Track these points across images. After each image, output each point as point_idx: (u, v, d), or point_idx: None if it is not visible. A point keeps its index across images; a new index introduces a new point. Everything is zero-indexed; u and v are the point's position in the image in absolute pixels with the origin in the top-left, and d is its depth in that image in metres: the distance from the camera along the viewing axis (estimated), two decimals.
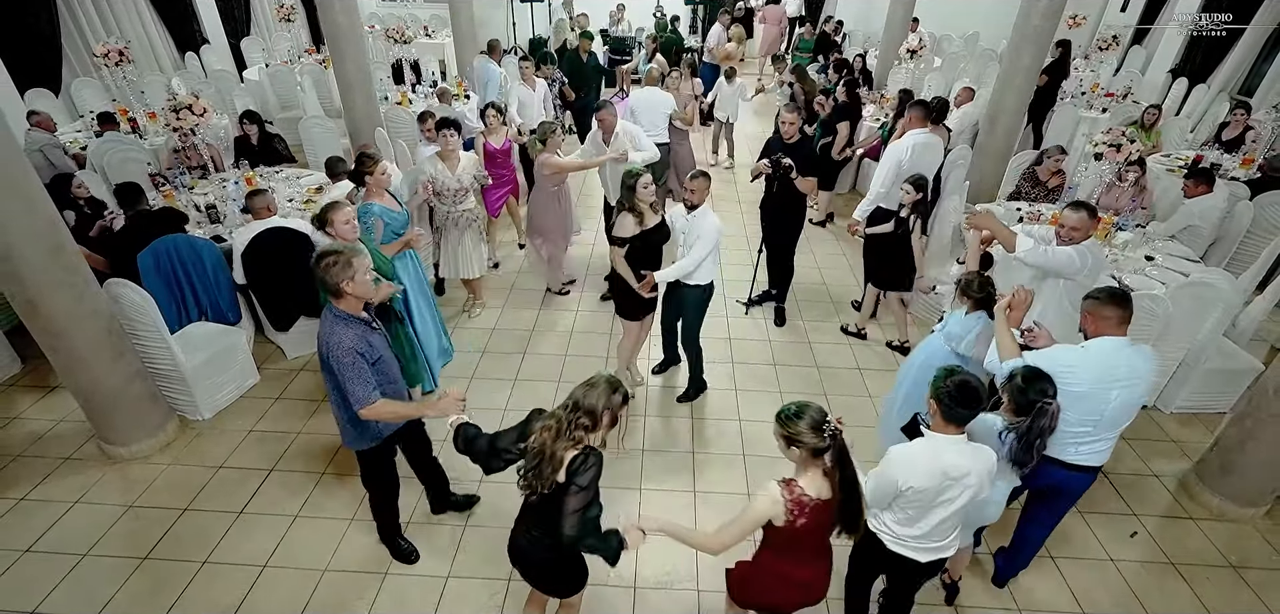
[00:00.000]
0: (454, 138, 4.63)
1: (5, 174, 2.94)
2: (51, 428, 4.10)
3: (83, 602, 3.06)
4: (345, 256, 2.46)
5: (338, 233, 3.13)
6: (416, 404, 2.73)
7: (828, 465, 2.09)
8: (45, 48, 7.19)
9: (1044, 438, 2.42)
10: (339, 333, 2.47)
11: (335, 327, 2.48)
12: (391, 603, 3.09)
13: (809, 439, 2.04)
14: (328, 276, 2.45)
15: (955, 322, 3.13)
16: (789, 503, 2.05)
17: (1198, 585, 3.23)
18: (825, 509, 2.08)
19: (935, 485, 2.20)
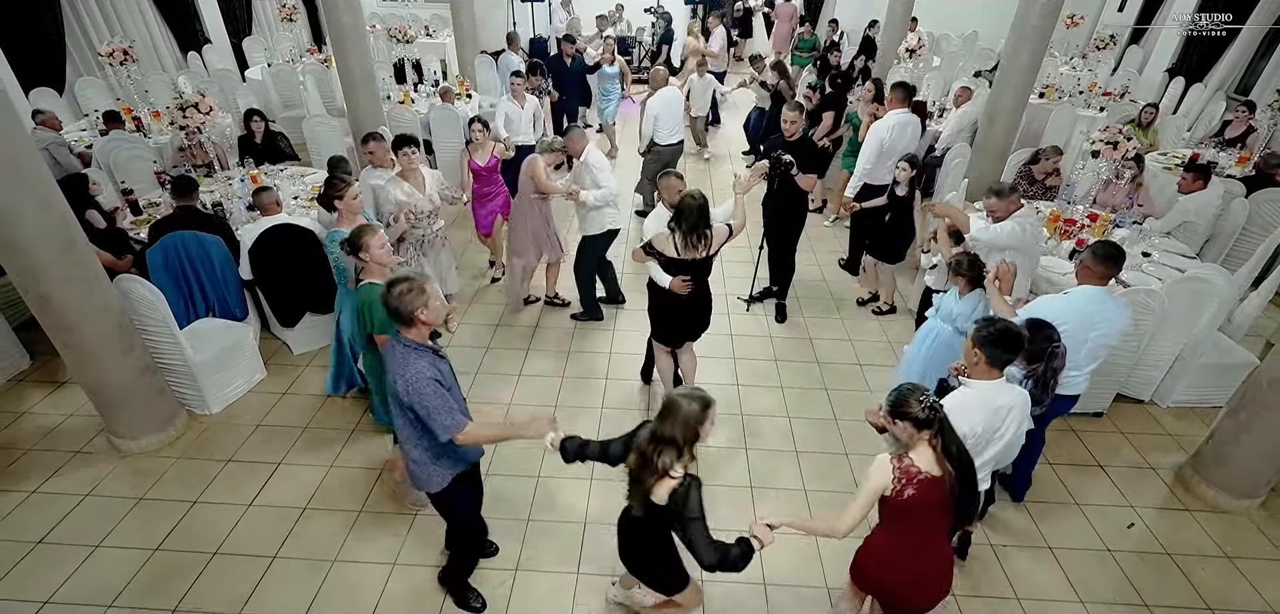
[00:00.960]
0: (414, 154, 4.33)
1: (19, 171, 2.99)
2: (61, 422, 4.14)
3: (95, 592, 3.10)
4: (418, 283, 2.29)
5: (373, 259, 2.95)
6: (511, 425, 2.54)
7: (934, 442, 2.15)
8: (50, 47, 7.22)
9: (1057, 377, 2.74)
10: (414, 364, 2.31)
11: (409, 358, 2.32)
12: (400, 591, 3.14)
13: (914, 411, 2.13)
14: (402, 305, 2.27)
15: (952, 301, 3.49)
16: (897, 471, 2.15)
17: (1193, 575, 3.28)
18: (935, 486, 2.12)
19: (988, 425, 2.47)
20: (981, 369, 2.48)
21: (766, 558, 3.29)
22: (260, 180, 5.18)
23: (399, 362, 2.32)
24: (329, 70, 8.99)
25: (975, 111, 7.01)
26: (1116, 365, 4.09)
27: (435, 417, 2.32)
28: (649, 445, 2.14)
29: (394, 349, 2.36)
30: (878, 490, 2.18)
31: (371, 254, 2.96)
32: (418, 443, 2.50)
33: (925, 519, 2.20)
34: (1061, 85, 8.94)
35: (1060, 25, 7.11)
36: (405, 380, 2.30)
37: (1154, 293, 3.83)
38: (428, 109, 7.56)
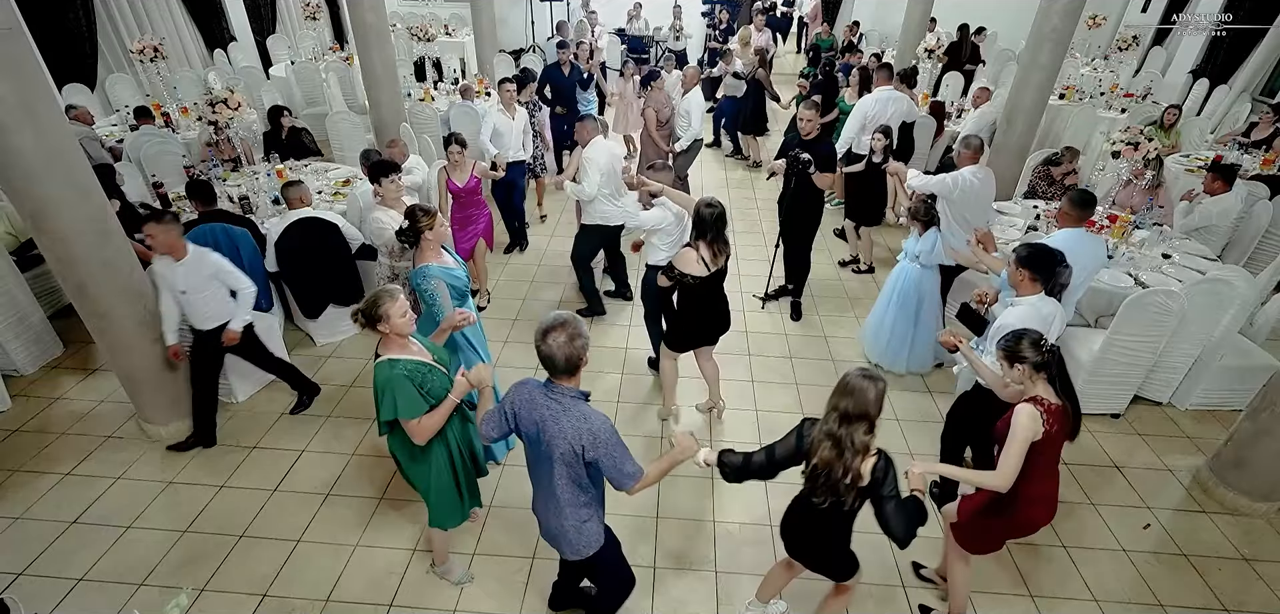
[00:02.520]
0: (397, 182, 4.06)
1: (62, 163, 3.11)
2: (93, 407, 4.27)
3: (126, 570, 3.21)
4: (572, 324, 2.10)
5: (393, 329, 2.47)
6: (668, 456, 2.30)
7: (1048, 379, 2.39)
8: (82, 45, 7.42)
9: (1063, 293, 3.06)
10: (594, 415, 2.14)
11: (584, 409, 2.14)
12: (421, 576, 3.21)
13: (1030, 355, 2.36)
14: (572, 351, 2.07)
15: (912, 242, 4.28)
16: (1043, 412, 2.33)
17: (1210, 577, 3.26)
18: (1062, 414, 2.37)
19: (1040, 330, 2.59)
20: (1027, 285, 2.98)
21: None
22: (287, 175, 5.29)
23: (577, 417, 2.11)
24: (351, 67, 9.13)
25: (994, 112, 6.98)
26: (1134, 367, 4.07)
27: (623, 464, 2.15)
28: (841, 428, 2.11)
29: (565, 405, 2.13)
30: (1031, 437, 2.33)
31: (392, 324, 2.45)
32: (578, 503, 2.29)
33: (1056, 448, 2.44)
34: (1082, 86, 8.85)
35: (1082, 26, 7.06)
36: (593, 433, 2.10)
37: (1173, 294, 3.81)
38: (448, 106, 7.67)
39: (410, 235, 3.14)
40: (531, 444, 2.28)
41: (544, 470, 2.26)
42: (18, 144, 2.97)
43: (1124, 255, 4.54)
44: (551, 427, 2.13)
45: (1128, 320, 3.85)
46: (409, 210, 3.12)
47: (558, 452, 2.14)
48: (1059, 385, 2.38)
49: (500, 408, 2.30)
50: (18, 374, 4.50)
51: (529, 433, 2.24)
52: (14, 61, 2.89)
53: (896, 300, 4.39)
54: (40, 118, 3.01)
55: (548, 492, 2.29)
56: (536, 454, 2.28)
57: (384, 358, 2.49)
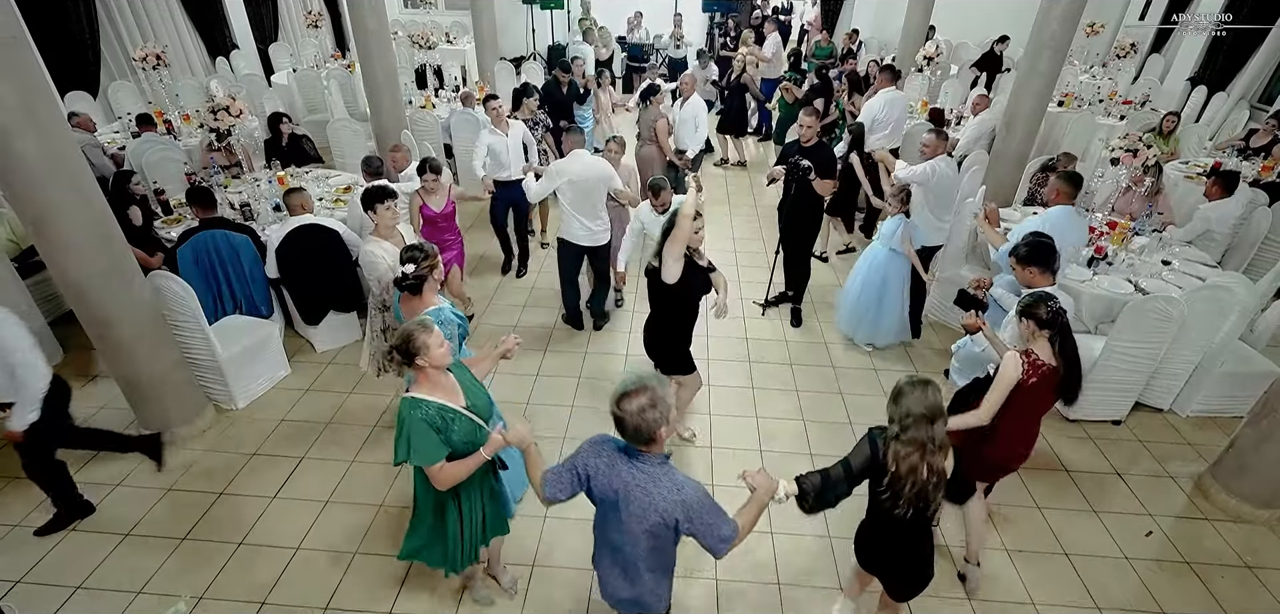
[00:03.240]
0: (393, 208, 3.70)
1: (64, 168, 3.12)
2: (93, 414, 4.26)
3: (126, 578, 3.20)
4: (654, 391, 1.91)
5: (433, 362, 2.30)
6: (755, 501, 2.12)
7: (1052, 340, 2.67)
8: (85, 52, 7.45)
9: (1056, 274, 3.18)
10: (685, 483, 1.97)
11: (677, 477, 1.98)
12: (420, 585, 3.20)
13: (1041, 313, 2.66)
14: (644, 423, 1.89)
15: (886, 226, 4.58)
16: (1026, 364, 2.67)
17: (1213, 585, 3.25)
18: (1052, 376, 2.68)
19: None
20: (1038, 279, 3.13)
21: (780, 556, 3.33)
22: (287, 182, 5.31)
23: (668, 488, 1.94)
24: (352, 75, 9.17)
25: (993, 119, 6.99)
26: (1135, 373, 4.06)
27: (719, 529, 1.97)
28: (921, 429, 2.11)
29: (652, 473, 1.97)
30: (1011, 383, 2.67)
31: (432, 357, 2.27)
32: (659, 568, 2.17)
33: (1040, 402, 2.77)
34: (1081, 93, 8.88)
35: (1080, 33, 7.09)
36: (686, 505, 1.93)
37: (1173, 300, 3.81)
38: (448, 113, 7.70)
39: (413, 283, 2.84)
40: (607, 509, 2.10)
41: (620, 538, 2.08)
42: (20, 149, 2.98)
43: (1124, 262, 4.54)
44: (639, 498, 1.96)
45: (1128, 327, 3.85)
46: (408, 252, 2.83)
47: (646, 524, 1.97)
48: (1060, 348, 2.66)
49: (571, 468, 2.09)
50: None
51: (606, 498, 2.05)
52: (17, 68, 2.91)
53: (863, 279, 4.77)
54: (42, 124, 3.02)
55: (626, 561, 2.12)
56: (612, 520, 2.09)
57: (409, 395, 2.31)
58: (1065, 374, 2.67)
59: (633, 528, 2.01)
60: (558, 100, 7.15)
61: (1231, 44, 9.04)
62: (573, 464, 2.10)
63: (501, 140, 5.43)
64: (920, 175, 4.75)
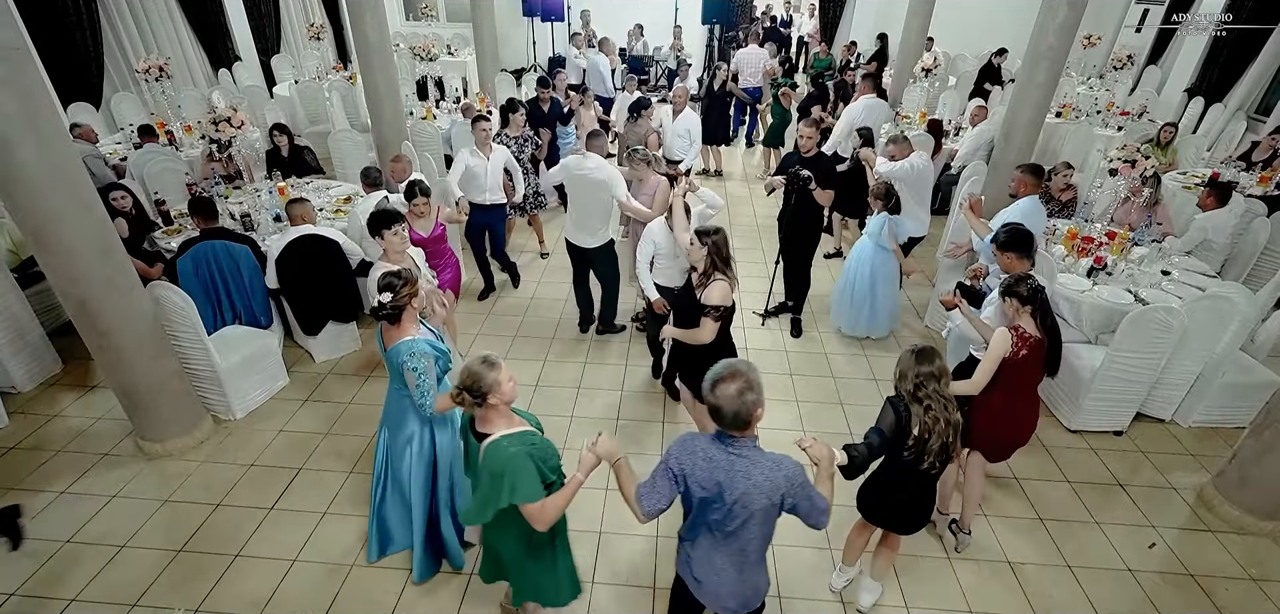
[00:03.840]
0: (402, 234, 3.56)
1: (65, 178, 3.12)
2: (91, 425, 4.25)
3: (121, 591, 3.17)
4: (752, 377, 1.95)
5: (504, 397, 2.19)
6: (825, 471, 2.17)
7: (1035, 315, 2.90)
8: (88, 64, 7.50)
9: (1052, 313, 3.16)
10: (782, 459, 2.02)
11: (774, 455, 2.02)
12: (416, 598, 3.17)
13: (1022, 291, 2.89)
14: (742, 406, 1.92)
15: (872, 223, 4.84)
16: (1015, 337, 2.90)
17: (1217, 597, 3.22)
18: (1039, 346, 2.91)
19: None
20: (1015, 264, 3.33)
21: (779, 569, 3.31)
22: (288, 193, 5.32)
23: (768, 467, 1.98)
24: (354, 86, 9.21)
25: (991, 130, 7.02)
26: (1136, 384, 4.05)
27: (817, 500, 2.04)
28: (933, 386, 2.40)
29: (749, 458, 1.98)
30: (1000, 355, 2.89)
31: (504, 393, 2.18)
32: (762, 554, 2.17)
33: (1031, 372, 2.98)
34: (1079, 104, 8.92)
35: (1077, 45, 7.13)
36: (789, 478, 1.98)
37: (1173, 310, 3.80)
38: (449, 124, 7.73)
39: (391, 310, 2.70)
40: (706, 506, 2.06)
41: (726, 530, 2.06)
42: (21, 159, 2.99)
43: (1123, 272, 4.54)
44: (742, 483, 1.96)
45: (1128, 337, 3.84)
46: (386, 280, 2.70)
47: (755, 507, 1.97)
48: (1042, 321, 2.91)
49: (665, 474, 2.06)
50: (15, 391, 4.48)
51: (706, 495, 2.02)
52: (18, 79, 2.92)
53: (854, 273, 5.00)
54: (44, 135, 3.03)
55: (735, 551, 2.11)
56: (712, 516, 2.06)
57: (497, 436, 2.17)
58: (1049, 345, 2.94)
59: (739, 515, 2.01)
60: (539, 120, 6.79)
61: (1228, 54, 9.08)
62: (665, 470, 2.08)
63: (481, 163, 5.24)
64: (901, 171, 5.13)
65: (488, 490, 2.16)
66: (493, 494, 2.14)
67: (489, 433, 2.20)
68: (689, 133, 6.52)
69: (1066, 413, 4.28)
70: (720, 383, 1.93)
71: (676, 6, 13.13)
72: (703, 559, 2.18)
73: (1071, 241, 4.75)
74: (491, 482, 2.14)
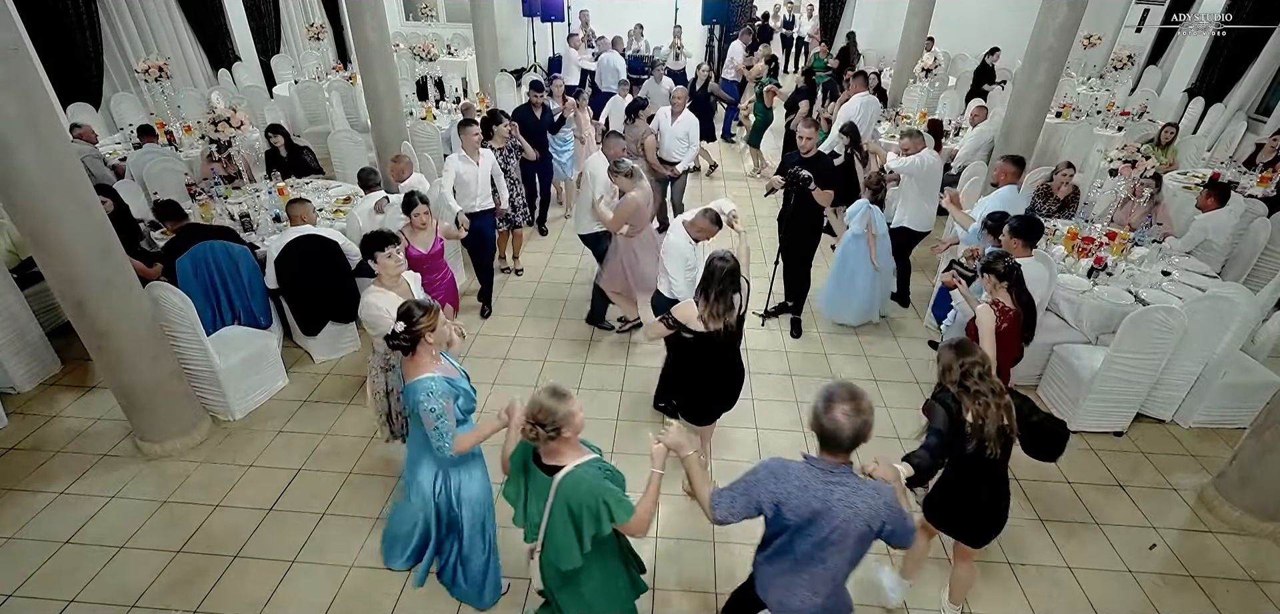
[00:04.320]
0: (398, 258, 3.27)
1: (64, 179, 3.12)
2: (90, 426, 4.24)
3: (119, 592, 3.17)
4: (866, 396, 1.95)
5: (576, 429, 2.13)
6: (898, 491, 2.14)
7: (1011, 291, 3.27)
8: (88, 64, 7.49)
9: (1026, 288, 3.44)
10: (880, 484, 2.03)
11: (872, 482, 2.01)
12: (415, 599, 3.17)
13: (999, 268, 3.25)
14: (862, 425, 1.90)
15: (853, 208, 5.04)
16: (998, 312, 3.20)
17: (1218, 598, 3.22)
18: (1017, 319, 3.30)
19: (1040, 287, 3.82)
20: (1020, 251, 3.75)
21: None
22: (288, 193, 5.31)
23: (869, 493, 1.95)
24: (354, 86, 9.21)
25: (991, 130, 7.01)
26: (1136, 385, 4.05)
27: (908, 521, 2.03)
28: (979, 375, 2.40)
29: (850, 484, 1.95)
30: (993, 328, 3.13)
31: (576, 424, 2.10)
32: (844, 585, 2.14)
33: (1012, 345, 3.34)
34: (1079, 104, 8.91)
35: (1077, 45, 7.13)
36: (888, 505, 1.96)
37: (1174, 311, 3.80)
38: (448, 124, 7.73)
39: (405, 340, 2.53)
40: (798, 533, 2.01)
41: (815, 555, 2.02)
42: (21, 161, 2.98)
43: (1124, 272, 4.53)
44: (843, 511, 1.92)
45: (1129, 338, 3.84)
46: (404, 308, 2.57)
47: (854, 534, 1.94)
48: (1016, 295, 3.29)
49: (745, 496, 2.02)
50: (14, 392, 4.47)
51: (798, 521, 1.97)
52: (17, 79, 2.91)
53: (839, 264, 5.16)
54: (43, 136, 3.02)
55: (824, 578, 2.06)
56: (803, 544, 2.02)
57: (572, 466, 2.10)
58: (1025, 317, 3.34)
59: (835, 543, 1.97)
60: (530, 126, 6.33)
61: (1229, 54, 9.07)
62: (749, 494, 2.03)
63: (472, 168, 5.05)
64: (911, 166, 5.17)
65: (576, 524, 2.08)
66: (589, 525, 2.06)
67: (560, 465, 2.12)
68: (687, 135, 6.50)
69: (1067, 414, 4.27)
70: (834, 404, 1.88)
71: (676, 6, 13.13)
72: (785, 584, 2.13)
73: (1072, 242, 4.74)
74: (583, 514, 2.06)
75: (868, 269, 5.03)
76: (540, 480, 2.17)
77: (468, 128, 5.06)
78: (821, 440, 1.94)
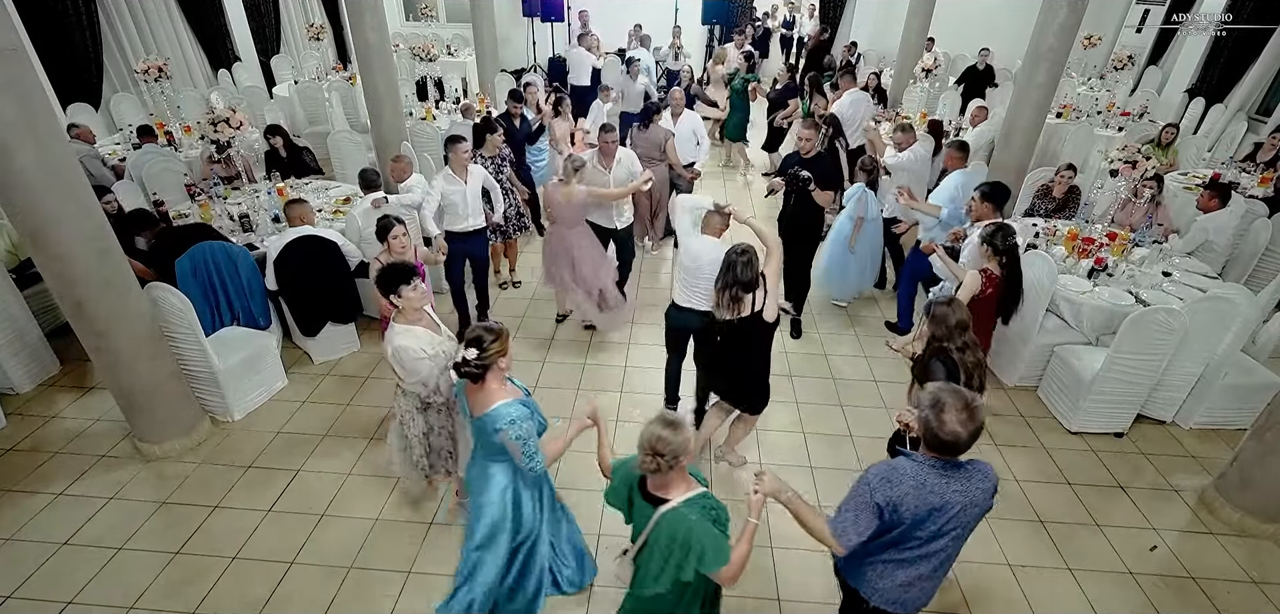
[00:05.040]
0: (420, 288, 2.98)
1: (62, 180, 3.11)
2: (88, 426, 4.24)
3: (118, 593, 3.16)
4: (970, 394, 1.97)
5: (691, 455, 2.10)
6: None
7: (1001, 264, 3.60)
8: (87, 64, 7.49)
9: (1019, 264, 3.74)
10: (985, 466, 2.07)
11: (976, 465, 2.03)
12: (416, 598, 3.16)
13: (998, 242, 3.56)
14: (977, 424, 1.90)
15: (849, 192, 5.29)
16: (984, 279, 3.53)
17: (1219, 600, 3.21)
18: (1000, 283, 3.60)
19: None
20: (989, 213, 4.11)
21: (781, 572, 3.29)
22: (287, 194, 5.31)
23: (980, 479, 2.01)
24: (354, 87, 9.21)
25: (991, 130, 7.01)
26: (1137, 386, 4.04)
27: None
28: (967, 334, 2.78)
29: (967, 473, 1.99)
30: (974, 289, 3.48)
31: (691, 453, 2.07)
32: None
33: (990, 313, 3.67)
34: (1079, 105, 8.90)
35: (1077, 45, 7.12)
36: (994, 483, 2.04)
37: (1175, 312, 3.79)
38: (448, 125, 7.71)
39: (477, 368, 2.40)
40: (915, 526, 2.01)
41: (933, 548, 2.05)
42: (20, 163, 2.98)
43: (1124, 273, 4.53)
44: (960, 502, 1.96)
45: (1129, 339, 3.83)
46: (474, 335, 2.40)
47: (971, 520, 2.01)
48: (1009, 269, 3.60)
49: (867, 508, 2.00)
50: (14, 393, 4.47)
51: (916, 518, 1.98)
52: (16, 81, 2.90)
53: (830, 245, 5.43)
54: (42, 138, 3.02)
55: (939, 564, 2.10)
56: (920, 534, 2.03)
57: (676, 503, 2.04)
58: (1007, 291, 3.62)
59: (952, 532, 2.01)
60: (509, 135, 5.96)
61: (1229, 54, 9.06)
62: (867, 509, 2.00)
63: (459, 188, 4.65)
64: (908, 160, 5.55)
65: (666, 558, 2.04)
66: (683, 563, 2.01)
67: (666, 498, 2.07)
68: (694, 134, 6.49)
69: (1067, 415, 4.26)
70: (946, 412, 1.88)
71: (676, 6, 13.13)
72: (900, 579, 2.13)
73: (1072, 242, 4.73)
74: (677, 551, 2.02)
75: (860, 248, 5.28)
76: (643, 509, 2.13)
77: (456, 144, 4.65)
78: (938, 448, 1.93)
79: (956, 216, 4.74)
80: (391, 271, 2.94)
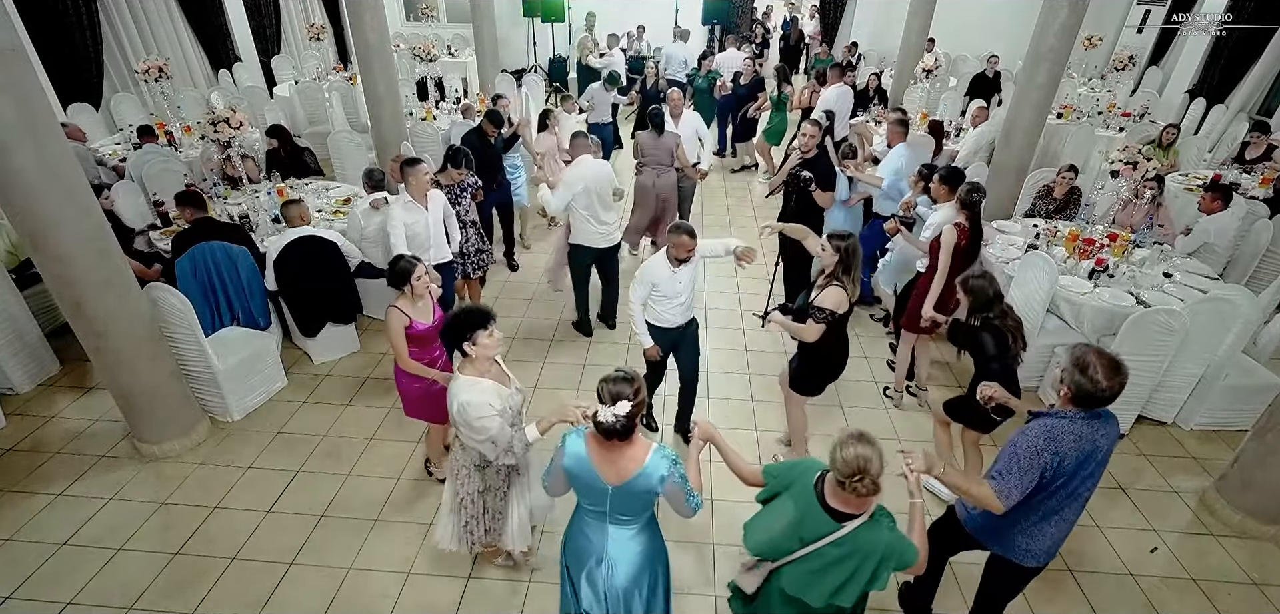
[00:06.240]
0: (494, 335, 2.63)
1: (62, 181, 3.11)
2: (88, 427, 4.24)
3: (117, 594, 3.16)
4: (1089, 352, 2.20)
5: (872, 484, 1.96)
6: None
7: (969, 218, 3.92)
8: (88, 64, 7.49)
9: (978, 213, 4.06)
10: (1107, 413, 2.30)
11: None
12: (415, 600, 3.16)
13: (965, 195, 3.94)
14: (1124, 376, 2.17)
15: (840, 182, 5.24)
16: (959, 232, 3.85)
17: (1219, 602, 3.20)
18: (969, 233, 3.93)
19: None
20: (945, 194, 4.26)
21: None
22: (287, 194, 5.30)
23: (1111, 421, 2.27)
24: (354, 87, 9.21)
25: (992, 131, 7.01)
26: (1138, 387, 4.03)
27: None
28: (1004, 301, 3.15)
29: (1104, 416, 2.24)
30: (953, 242, 3.85)
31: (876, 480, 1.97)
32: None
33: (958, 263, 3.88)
34: (1080, 105, 8.90)
35: (1078, 46, 7.10)
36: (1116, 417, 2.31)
37: (1176, 313, 3.78)
38: (449, 125, 7.72)
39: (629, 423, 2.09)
40: (1067, 480, 2.27)
41: (1076, 491, 2.31)
42: (19, 164, 2.98)
43: (1125, 274, 4.52)
44: (1106, 442, 2.24)
45: (1130, 340, 3.82)
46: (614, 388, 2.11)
47: (1104, 462, 2.28)
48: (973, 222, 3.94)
49: (1028, 470, 2.19)
50: (13, 393, 4.47)
51: (1066, 467, 2.23)
52: (15, 81, 2.90)
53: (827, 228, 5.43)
54: (41, 138, 3.02)
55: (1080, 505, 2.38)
56: (1069, 486, 2.29)
57: (865, 519, 2.01)
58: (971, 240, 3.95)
59: (1093, 473, 2.28)
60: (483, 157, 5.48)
61: (1230, 55, 9.06)
62: (1032, 469, 2.20)
63: (421, 216, 4.23)
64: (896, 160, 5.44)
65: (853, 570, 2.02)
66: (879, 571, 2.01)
67: (853, 514, 2.01)
68: (696, 133, 6.49)
69: None
70: (1097, 371, 2.12)
71: (677, 8, 13.13)
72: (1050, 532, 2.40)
73: (1073, 243, 4.73)
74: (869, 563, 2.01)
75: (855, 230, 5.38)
76: (821, 523, 2.04)
77: (414, 166, 4.18)
78: (1087, 402, 2.17)
79: (896, 188, 5.05)
80: (464, 317, 2.55)
